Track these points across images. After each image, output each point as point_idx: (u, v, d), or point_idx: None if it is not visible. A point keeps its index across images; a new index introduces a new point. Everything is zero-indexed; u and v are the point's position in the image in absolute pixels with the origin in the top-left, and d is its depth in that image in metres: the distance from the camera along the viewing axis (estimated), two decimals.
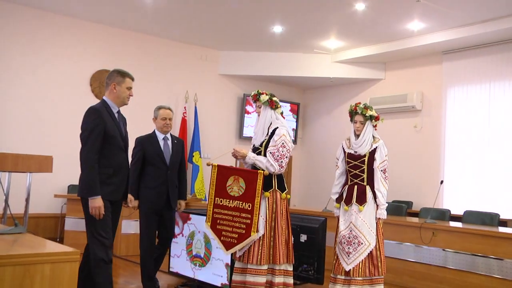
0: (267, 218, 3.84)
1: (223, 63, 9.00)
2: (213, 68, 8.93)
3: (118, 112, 3.47)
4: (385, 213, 4.15)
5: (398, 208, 6.75)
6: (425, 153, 7.93)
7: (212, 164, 3.83)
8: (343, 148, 4.33)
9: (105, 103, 3.41)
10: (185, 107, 8.40)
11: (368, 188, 4.15)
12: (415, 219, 5.90)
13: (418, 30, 7.18)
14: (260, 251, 3.77)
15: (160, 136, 4.38)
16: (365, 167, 4.17)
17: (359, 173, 4.19)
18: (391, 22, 6.97)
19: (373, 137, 4.26)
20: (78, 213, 6.35)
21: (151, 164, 4.29)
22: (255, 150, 4.02)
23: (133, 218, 6.37)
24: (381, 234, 4.14)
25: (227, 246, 3.79)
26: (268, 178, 3.88)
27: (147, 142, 4.36)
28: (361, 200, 4.12)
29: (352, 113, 4.27)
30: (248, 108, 9.23)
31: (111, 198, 3.32)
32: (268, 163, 3.87)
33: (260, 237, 3.79)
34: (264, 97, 4.01)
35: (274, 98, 4.04)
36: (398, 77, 8.47)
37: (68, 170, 7.09)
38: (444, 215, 6.30)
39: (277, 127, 3.95)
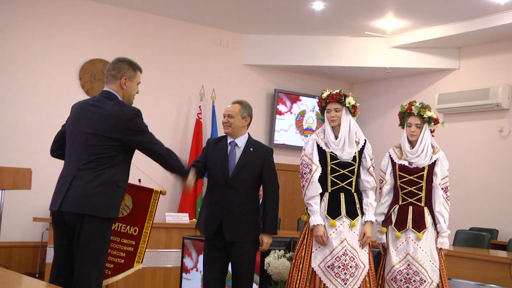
0: (370, 250, 4.20)
1: (248, 50, 9.03)
2: (235, 56, 8.95)
3: None
4: (448, 242, 4.32)
5: (479, 238, 6.64)
6: None
7: None
8: (391, 159, 4.49)
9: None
10: (199, 107, 8.42)
11: (426, 210, 4.30)
12: (502, 253, 5.85)
13: (506, 3, 7.07)
14: None
15: (228, 140, 4.31)
16: (423, 183, 4.31)
17: (416, 190, 4.33)
18: None
19: (432, 146, 4.44)
20: None
21: (210, 175, 4.28)
22: (344, 166, 4.17)
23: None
24: (444, 269, 4.26)
25: None
26: (359, 200, 4.20)
27: (213, 145, 4.33)
28: (419, 225, 4.25)
29: (405, 115, 4.44)
30: (281, 107, 9.23)
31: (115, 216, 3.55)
32: (374, 192, 4.26)
33: (367, 272, 4.11)
34: (351, 100, 4.24)
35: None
36: (477, 67, 8.39)
37: (51, 186, 7.04)
38: None
39: (366, 139, 4.31)
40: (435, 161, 4.36)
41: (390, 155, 4.50)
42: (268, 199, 4.24)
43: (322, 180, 4.17)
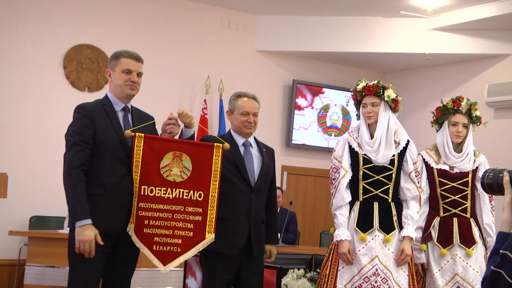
0: (410, 272, 4.14)
1: (262, 34, 9.05)
2: (247, 41, 8.98)
3: (125, 109, 3.83)
4: None
5: None
6: None
7: (135, 135, 3.74)
8: (426, 163, 4.52)
9: (106, 99, 3.82)
10: (205, 100, 8.45)
11: (473, 222, 4.38)
12: None
13: None
14: None
15: (239, 141, 4.25)
16: (468, 191, 4.40)
17: (460, 199, 4.39)
18: None
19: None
20: (45, 258, 6.34)
21: (227, 182, 4.10)
22: (378, 171, 4.17)
23: None
24: None
25: (167, 257, 3.82)
26: (397, 212, 4.18)
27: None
28: (468, 240, 4.30)
29: (448, 111, 4.46)
30: (300, 101, 9.21)
31: (103, 228, 3.54)
32: (417, 202, 4.22)
33: None
34: (391, 94, 4.25)
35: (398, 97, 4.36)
36: None
37: (31, 194, 7.10)
38: None
39: (409, 140, 4.32)
40: (478, 165, 4.44)
41: (424, 159, 4.51)
42: (272, 207, 4.38)
43: (354, 187, 4.19)
